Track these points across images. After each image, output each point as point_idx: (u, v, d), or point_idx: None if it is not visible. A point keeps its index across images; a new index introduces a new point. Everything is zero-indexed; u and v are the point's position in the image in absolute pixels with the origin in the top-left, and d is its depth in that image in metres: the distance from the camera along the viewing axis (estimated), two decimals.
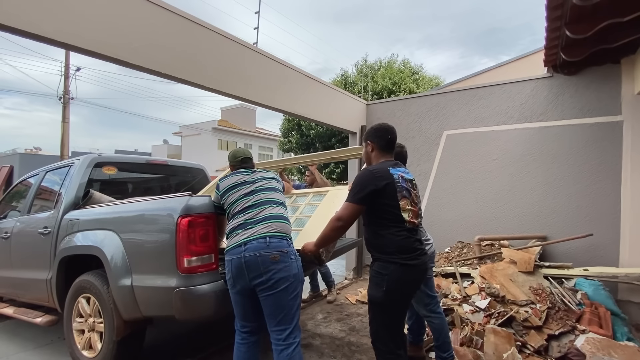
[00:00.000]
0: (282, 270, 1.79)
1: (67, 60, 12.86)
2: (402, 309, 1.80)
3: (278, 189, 2.11)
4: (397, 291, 1.71)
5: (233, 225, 1.91)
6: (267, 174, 2.14)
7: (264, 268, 1.76)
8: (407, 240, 1.73)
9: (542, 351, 2.53)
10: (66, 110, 12.80)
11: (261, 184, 2.04)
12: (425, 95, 4.92)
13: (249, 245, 1.79)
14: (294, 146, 12.98)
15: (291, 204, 2.97)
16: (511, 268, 3.27)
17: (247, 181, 2.03)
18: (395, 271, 1.69)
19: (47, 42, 2.23)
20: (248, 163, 2.22)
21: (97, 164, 2.97)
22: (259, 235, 1.82)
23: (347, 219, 1.73)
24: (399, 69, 13.35)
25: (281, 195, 2.11)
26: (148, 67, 2.68)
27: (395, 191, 1.72)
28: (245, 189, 2.00)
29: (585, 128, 3.67)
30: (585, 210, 3.61)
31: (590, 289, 3.02)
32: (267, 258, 1.77)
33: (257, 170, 2.16)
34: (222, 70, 3.25)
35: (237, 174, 2.08)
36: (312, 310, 3.76)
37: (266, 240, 1.81)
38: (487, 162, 4.24)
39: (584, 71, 3.69)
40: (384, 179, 1.71)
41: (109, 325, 2.24)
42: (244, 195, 1.97)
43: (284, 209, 2.04)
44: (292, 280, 1.81)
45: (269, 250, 1.79)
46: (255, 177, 2.07)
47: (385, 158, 1.89)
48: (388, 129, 1.90)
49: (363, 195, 1.70)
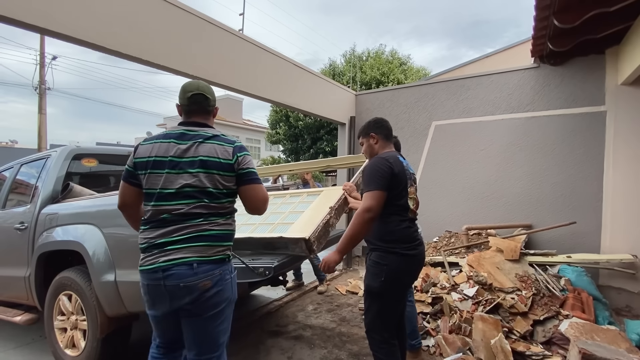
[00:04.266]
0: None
1: (42, 48, 12.28)
2: (399, 299, 1.80)
3: (214, 175, 1.38)
4: (396, 281, 1.71)
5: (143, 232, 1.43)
6: (210, 147, 1.39)
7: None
8: (407, 230, 1.73)
9: (527, 336, 2.59)
10: (43, 101, 12.26)
11: (187, 170, 1.35)
12: (414, 86, 4.91)
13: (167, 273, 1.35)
14: (282, 138, 12.85)
15: (284, 202, 2.94)
16: (498, 256, 3.33)
17: (172, 160, 1.37)
18: (395, 261, 1.69)
19: (19, 25, 2.09)
20: (198, 112, 1.46)
21: (76, 156, 2.83)
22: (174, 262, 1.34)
23: (377, 207, 1.62)
24: (387, 59, 13.31)
25: (217, 183, 1.40)
26: (128, 54, 2.55)
27: (406, 178, 1.74)
28: (160, 176, 1.36)
29: (570, 118, 3.73)
30: (569, 199, 3.70)
31: (573, 275, 3.11)
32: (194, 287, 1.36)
33: (199, 133, 1.41)
34: (207, 58, 3.14)
35: (164, 139, 1.40)
36: (303, 302, 3.75)
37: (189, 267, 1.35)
38: (475, 153, 4.27)
39: (569, 62, 3.73)
40: (397, 165, 1.71)
41: (93, 322, 2.17)
42: (157, 191, 1.37)
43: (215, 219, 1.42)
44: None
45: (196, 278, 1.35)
46: (184, 156, 1.36)
47: (389, 148, 1.91)
48: (385, 120, 1.96)
49: (386, 180, 1.65)
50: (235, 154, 1.44)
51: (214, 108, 1.55)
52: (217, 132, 1.48)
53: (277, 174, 3.82)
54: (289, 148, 13.02)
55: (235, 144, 1.47)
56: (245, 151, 1.49)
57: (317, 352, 2.63)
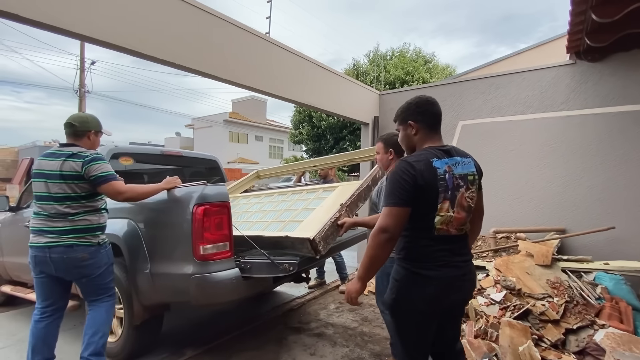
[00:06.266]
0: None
1: (82, 53, 13.10)
2: (418, 329, 1.42)
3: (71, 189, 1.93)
4: (407, 305, 1.39)
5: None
6: (73, 163, 1.94)
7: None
8: (427, 248, 1.37)
9: (559, 345, 2.48)
10: (82, 103, 13.09)
11: (53, 188, 1.92)
12: (439, 85, 4.81)
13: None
14: (305, 138, 12.98)
15: (299, 199, 2.92)
16: (528, 261, 3.20)
17: (47, 174, 1.93)
18: (405, 278, 1.39)
19: (62, 33, 2.25)
20: (69, 136, 2.03)
21: (115, 155, 3.02)
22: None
23: (393, 227, 1.30)
24: (411, 58, 13.10)
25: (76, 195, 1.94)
26: (161, 58, 2.68)
27: (437, 191, 1.34)
28: (42, 185, 1.94)
29: (609, 117, 3.53)
30: (607, 203, 3.50)
31: (611, 284, 2.94)
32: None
33: (64, 153, 1.95)
34: (234, 60, 3.24)
35: (46, 158, 1.98)
36: (325, 300, 3.79)
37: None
38: (504, 153, 4.13)
39: (609, 58, 3.52)
40: (426, 173, 1.33)
41: (129, 311, 2.31)
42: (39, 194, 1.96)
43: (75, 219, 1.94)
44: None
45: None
46: (55, 170, 1.92)
47: (433, 141, 1.48)
48: (431, 102, 1.50)
49: (407, 194, 1.31)
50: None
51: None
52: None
53: (301, 170, 3.81)
54: (312, 148, 13.11)
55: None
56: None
57: (339, 350, 2.66)
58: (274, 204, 3.03)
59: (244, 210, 3.16)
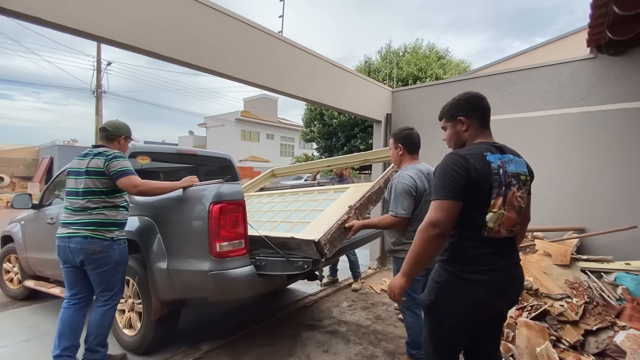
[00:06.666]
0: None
1: (98, 54, 13.41)
2: (456, 334, 1.37)
3: (94, 183, 2.12)
4: (447, 308, 1.33)
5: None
6: (96, 162, 2.14)
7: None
8: (474, 250, 1.30)
9: (578, 347, 2.43)
10: (99, 103, 13.41)
11: (81, 183, 2.12)
12: (453, 81, 4.73)
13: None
14: (316, 136, 12.98)
15: (310, 199, 2.92)
16: (545, 260, 3.14)
17: (77, 171, 2.16)
18: (448, 282, 1.32)
19: (79, 34, 2.28)
20: (102, 139, 2.29)
21: (132, 154, 3.09)
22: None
23: (444, 221, 1.24)
24: (424, 54, 12.92)
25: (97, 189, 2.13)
26: (177, 59, 2.73)
27: (490, 186, 1.27)
28: (72, 181, 2.17)
29: (632, 112, 3.41)
30: (629, 202, 3.38)
31: (633, 284, 2.85)
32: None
33: (93, 153, 2.18)
34: (247, 59, 3.27)
35: (79, 158, 2.22)
36: (337, 298, 3.80)
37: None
38: (521, 151, 3.91)
39: (632, 51, 3.40)
40: (479, 166, 1.27)
41: (147, 306, 2.37)
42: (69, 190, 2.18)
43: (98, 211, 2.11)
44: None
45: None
46: (83, 167, 2.14)
47: (484, 137, 1.42)
48: (480, 96, 1.47)
49: (459, 186, 1.24)
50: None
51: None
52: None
53: (315, 170, 3.80)
54: (323, 146, 13.11)
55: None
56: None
57: (353, 347, 2.67)
58: (285, 204, 3.05)
59: (255, 210, 3.19)
